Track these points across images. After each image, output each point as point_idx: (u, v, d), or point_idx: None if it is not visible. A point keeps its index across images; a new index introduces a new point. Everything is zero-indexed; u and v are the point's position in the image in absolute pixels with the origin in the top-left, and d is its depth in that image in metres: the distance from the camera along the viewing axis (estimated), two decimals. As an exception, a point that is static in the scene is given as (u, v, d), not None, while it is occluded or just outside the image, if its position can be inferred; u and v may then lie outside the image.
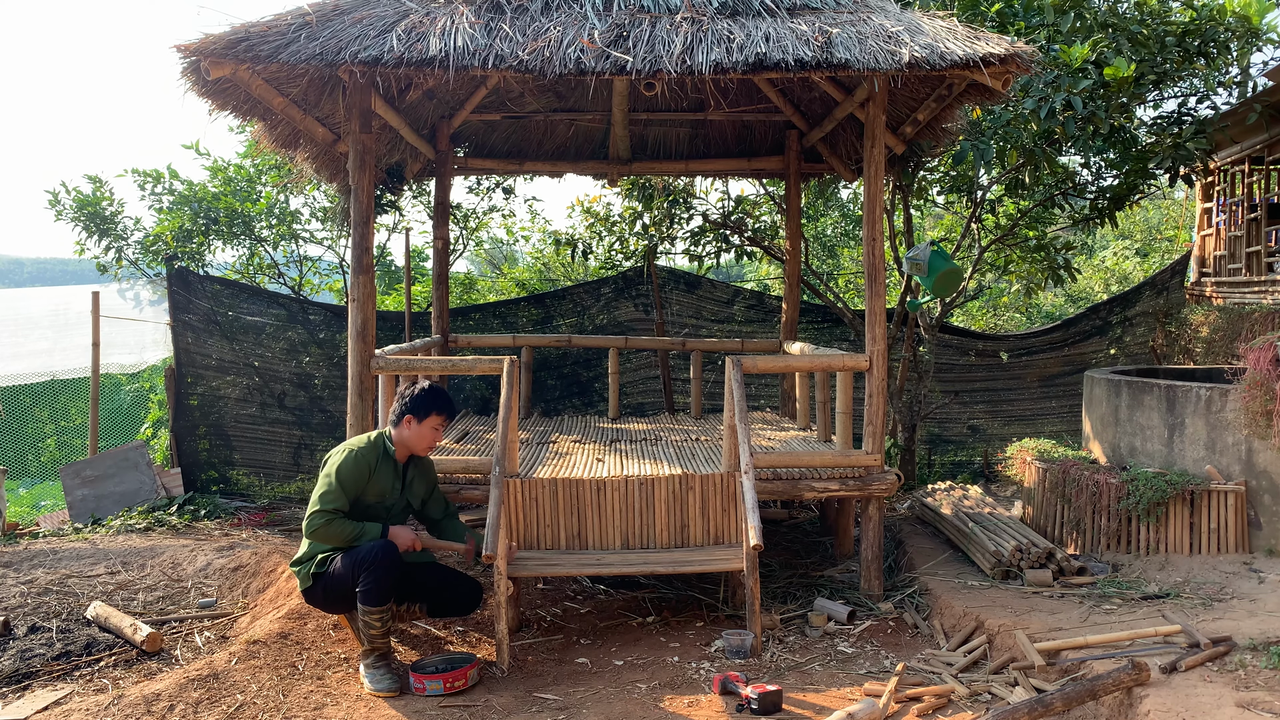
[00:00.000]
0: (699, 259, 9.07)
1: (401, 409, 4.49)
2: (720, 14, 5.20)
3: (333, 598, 4.39)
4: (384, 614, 4.26)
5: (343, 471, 4.33)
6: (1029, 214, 8.15)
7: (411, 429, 4.48)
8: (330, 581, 4.34)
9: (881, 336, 5.48)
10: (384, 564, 4.21)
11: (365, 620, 4.24)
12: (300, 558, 4.47)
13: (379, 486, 4.44)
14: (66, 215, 9.42)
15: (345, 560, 4.28)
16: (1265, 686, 3.66)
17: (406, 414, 4.47)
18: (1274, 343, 5.38)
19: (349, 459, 4.36)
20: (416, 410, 4.48)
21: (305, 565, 4.44)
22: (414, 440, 4.51)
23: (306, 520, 4.29)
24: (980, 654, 4.50)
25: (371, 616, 4.23)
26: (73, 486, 7.75)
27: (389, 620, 4.30)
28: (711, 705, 4.02)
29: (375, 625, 4.24)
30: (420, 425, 4.48)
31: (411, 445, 4.53)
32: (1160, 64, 6.80)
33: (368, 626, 4.24)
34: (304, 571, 4.44)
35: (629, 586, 5.72)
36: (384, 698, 4.08)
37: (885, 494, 5.45)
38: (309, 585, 4.43)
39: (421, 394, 4.50)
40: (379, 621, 4.24)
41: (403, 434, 4.50)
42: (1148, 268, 13.77)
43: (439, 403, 4.51)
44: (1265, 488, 5.38)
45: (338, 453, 4.42)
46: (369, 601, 4.21)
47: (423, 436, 4.51)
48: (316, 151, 6.60)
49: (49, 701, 4.02)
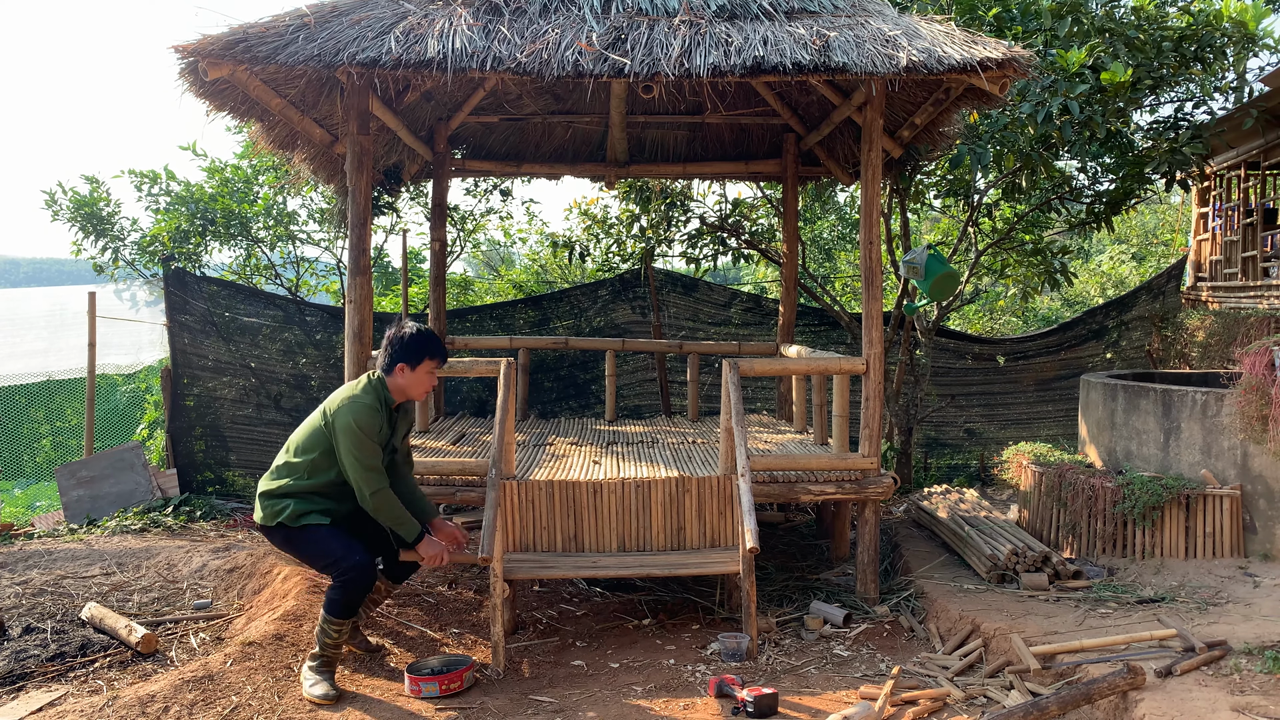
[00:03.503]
0: (696, 261, 9.08)
1: (391, 357, 4.24)
2: (718, 17, 5.21)
3: (290, 552, 4.24)
4: (346, 626, 4.16)
5: (367, 426, 4.09)
6: (1025, 218, 8.16)
7: (406, 377, 4.25)
8: (297, 543, 4.17)
9: (878, 340, 5.48)
10: (364, 585, 4.11)
11: (325, 628, 4.13)
12: (276, 492, 4.18)
13: (383, 436, 4.23)
14: (63, 215, 9.42)
15: (324, 551, 4.11)
16: (1260, 691, 3.67)
17: (399, 362, 4.23)
18: (1269, 347, 5.39)
19: (370, 414, 4.12)
20: (409, 357, 4.23)
21: (277, 505, 4.16)
22: (411, 388, 4.28)
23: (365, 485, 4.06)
24: (976, 657, 4.51)
25: (332, 626, 4.12)
26: (68, 487, 7.73)
27: (346, 633, 4.20)
28: (707, 708, 4.02)
29: (333, 635, 4.13)
30: (415, 372, 4.25)
31: (409, 393, 4.30)
32: (1157, 69, 6.82)
33: (325, 634, 4.13)
34: (272, 509, 4.17)
35: (625, 589, 5.72)
36: (318, 704, 3.99)
37: (881, 497, 5.45)
38: (269, 525, 4.18)
39: (411, 339, 4.25)
40: (337, 632, 4.14)
41: (398, 382, 4.26)
42: (1144, 272, 13.80)
43: (430, 346, 4.28)
44: (1260, 492, 5.39)
45: (348, 404, 4.12)
46: (335, 613, 4.10)
47: (419, 383, 4.27)
48: (314, 153, 6.60)
49: (43, 703, 4.01)
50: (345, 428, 4.07)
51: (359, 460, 4.07)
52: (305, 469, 4.18)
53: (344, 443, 4.08)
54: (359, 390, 4.19)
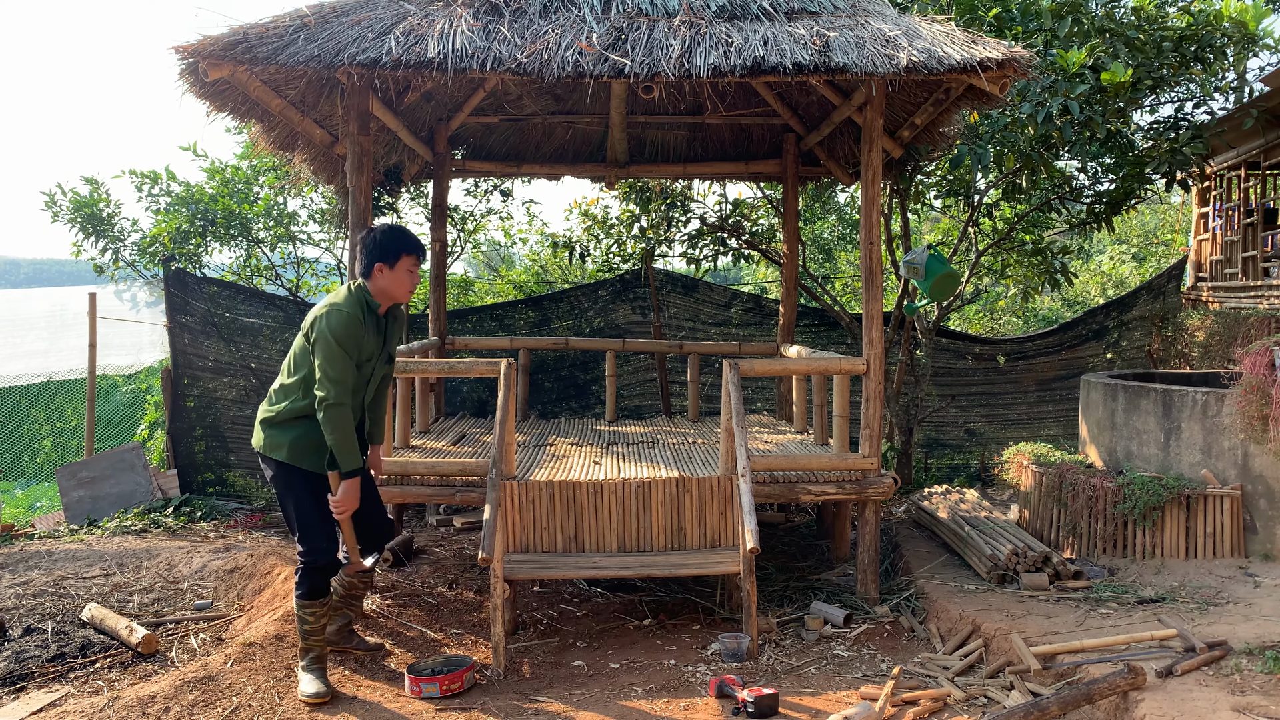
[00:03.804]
0: (696, 262, 9.08)
1: (367, 258, 4.05)
2: (718, 17, 5.21)
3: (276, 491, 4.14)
4: (318, 609, 4.10)
5: (342, 333, 3.90)
6: (1026, 218, 8.16)
7: (386, 277, 4.05)
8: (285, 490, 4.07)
9: (879, 340, 5.48)
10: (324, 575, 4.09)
11: (299, 615, 4.09)
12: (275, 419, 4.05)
13: (368, 347, 4.04)
14: (63, 216, 9.42)
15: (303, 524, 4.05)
16: (1261, 691, 3.67)
17: (376, 262, 4.03)
18: (1270, 347, 5.39)
19: (346, 320, 3.92)
20: (385, 256, 4.03)
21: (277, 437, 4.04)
22: (393, 288, 4.08)
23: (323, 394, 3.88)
24: (976, 658, 4.51)
25: (305, 610, 4.08)
26: (69, 488, 7.73)
27: (323, 616, 4.14)
28: (708, 708, 4.02)
29: (308, 620, 4.08)
30: (394, 271, 4.05)
31: (392, 294, 4.09)
32: (1157, 69, 6.82)
33: (301, 621, 4.08)
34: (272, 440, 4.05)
35: (626, 589, 5.72)
36: (312, 703, 3.97)
37: (882, 497, 5.45)
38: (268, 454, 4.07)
39: (384, 236, 4.05)
40: (312, 617, 4.08)
41: (378, 284, 4.06)
42: (1144, 272, 13.80)
43: (406, 240, 4.08)
44: (1261, 492, 5.39)
45: (327, 312, 3.94)
46: (301, 595, 4.07)
47: (400, 282, 4.07)
48: (314, 153, 6.60)
49: (44, 703, 4.01)
50: (320, 335, 3.91)
51: (325, 370, 3.89)
52: (299, 388, 4.03)
53: (317, 349, 3.92)
54: (340, 299, 4.00)
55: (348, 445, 3.95)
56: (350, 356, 3.92)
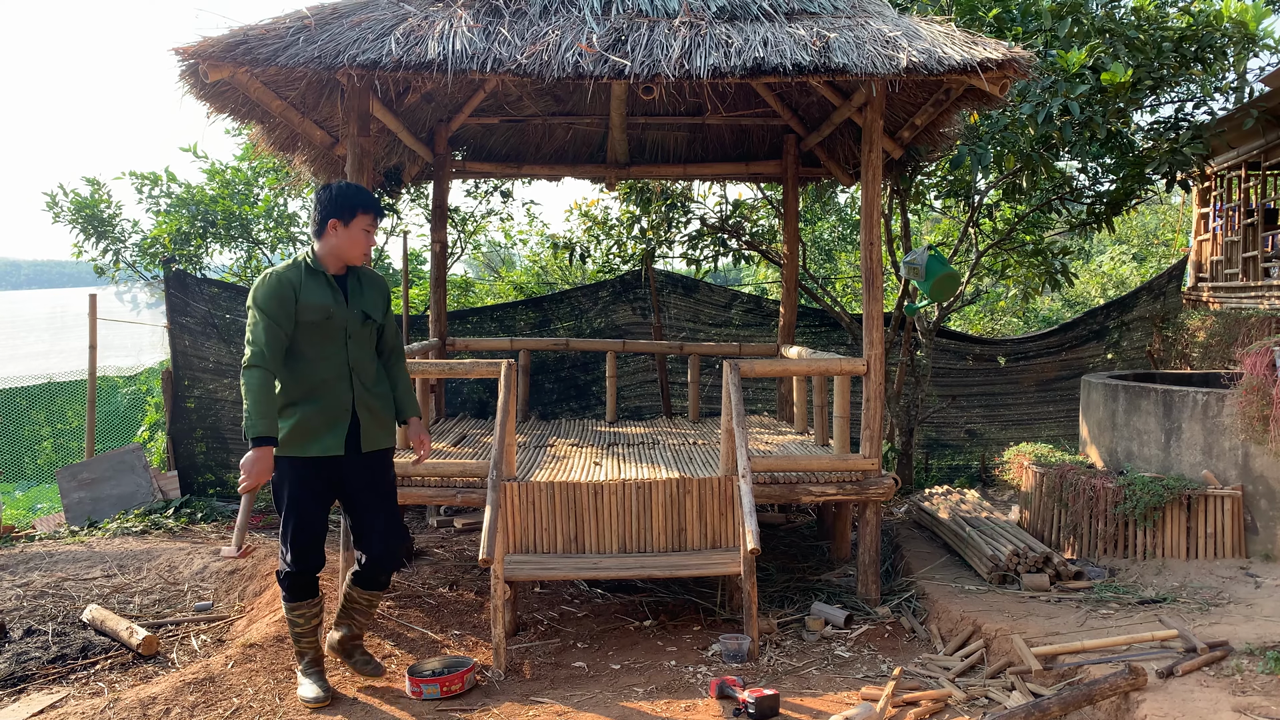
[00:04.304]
0: (697, 263, 9.09)
1: (321, 214, 3.88)
2: (718, 18, 5.21)
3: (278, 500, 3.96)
4: (305, 610, 4.01)
5: (263, 300, 3.74)
6: (1026, 219, 8.16)
7: (339, 235, 3.88)
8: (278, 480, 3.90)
9: (879, 340, 5.48)
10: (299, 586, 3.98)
11: (288, 616, 4.01)
12: None
13: (314, 301, 3.82)
14: (64, 217, 9.43)
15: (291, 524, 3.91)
16: (1262, 691, 3.66)
17: (330, 218, 3.87)
18: (1270, 348, 5.39)
19: (269, 282, 3.78)
20: (339, 212, 3.87)
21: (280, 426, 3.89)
22: (346, 247, 3.90)
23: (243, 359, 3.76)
24: (977, 658, 4.50)
25: (293, 613, 4.01)
26: (69, 489, 7.73)
27: (314, 618, 4.05)
28: (708, 709, 4.02)
29: (298, 623, 4.01)
30: (349, 229, 3.88)
31: (344, 254, 3.92)
32: (1157, 69, 6.82)
33: (291, 624, 4.01)
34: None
35: (626, 590, 5.72)
36: (312, 707, 3.95)
37: (882, 498, 5.45)
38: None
39: (339, 192, 3.90)
40: (301, 619, 4.00)
41: (330, 243, 3.89)
42: (1145, 273, 13.80)
43: (361, 197, 3.92)
44: (1262, 492, 5.39)
45: (256, 283, 3.83)
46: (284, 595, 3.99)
47: (355, 241, 3.91)
48: (314, 154, 6.60)
49: (44, 705, 4.01)
50: (248, 306, 3.81)
51: (249, 336, 3.76)
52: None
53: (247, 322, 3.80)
54: (270, 269, 3.89)
55: (261, 409, 3.70)
56: (276, 321, 3.74)
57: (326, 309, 3.84)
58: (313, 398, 3.86)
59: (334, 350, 3.90)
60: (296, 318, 3.80)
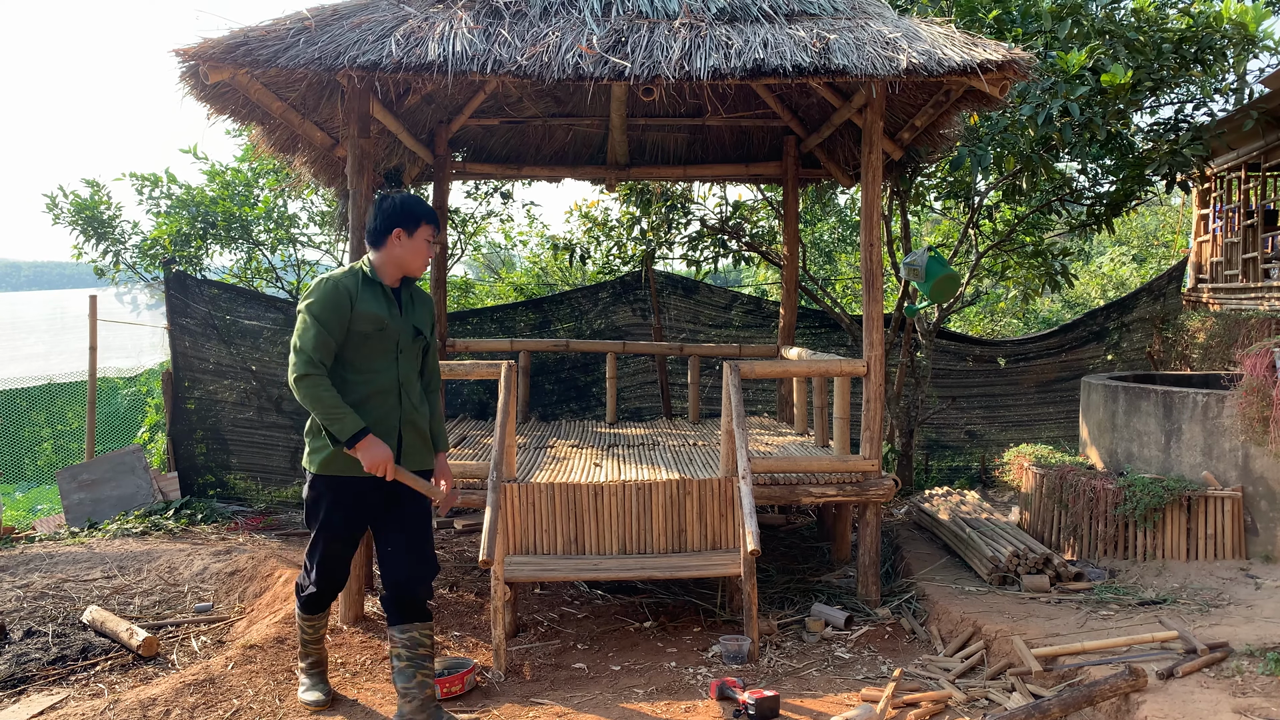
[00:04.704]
0: (697, 264, 9.09)
1: (385, 223, 3.74)
2: (718, 20, 5.21)
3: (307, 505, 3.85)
4: (316, 622, 4.06)
5: (317, 306, 3.60)
6: (1026, 220, 8.16)
7: (403, 244, 3.75)
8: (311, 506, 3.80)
9: (879, 342, 5.48)
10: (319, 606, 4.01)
11: (300, 624, 4.06)
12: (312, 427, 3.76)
13: (370, 311, 3.67)
14: (64, 219, 9.42)
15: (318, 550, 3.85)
16: (1262, 692, 3.66)
17: (395, 227, 3.74)
18: (1270, 349, 5.39)
19: (324, 288, 3.64)
20: (405, 222, 3.74)
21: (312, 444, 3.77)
22: (408, 258, 3.77)
23: (290, 369, 3.58)
24: (977, 659, 4.50)
25: (305, 623, 4.05)
26: (69, 490, 7.73)
27: (323, 628, 4.12)
28: (709, 711, 4.01)
29: (307, 631, 4.06)
30: (413, 239, 3.76)
31: (407, 264, 3.79)
32: (1157, 70, 6.82)
33: (301, 630, 4.07)
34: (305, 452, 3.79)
35: (626, 591, 5.72)
36: (313, 710, 3.97)
37: (883, 499, 5.45)
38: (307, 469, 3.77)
39: (404, 201, 3.78)
40: (311, 629, 4.05)
41: (392, 253, 3.75)
42: (1145, 274, 13.81)
43: (425, 209, 3.81)
44: (1262, 493, 5.39)
45: (311, 287, 3.70)
46: (300, 608, 4.02)
47: (418, 251, 3.78)
48: (314, 156, 6.60)
49: (44, 706, 4.01)
50: (298, 312, 3.64)
51: (294, 343, 3.58)
52: None
53: (296, 328, 3.63)
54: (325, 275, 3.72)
55: (335, 412, 3.54)
56: (326, 328, 3.59)
57: (381, 320, 3.69)
58: (361, 413, 3.66)
59: (385, 364, 3.74)
60: (350, 327, 3.65)
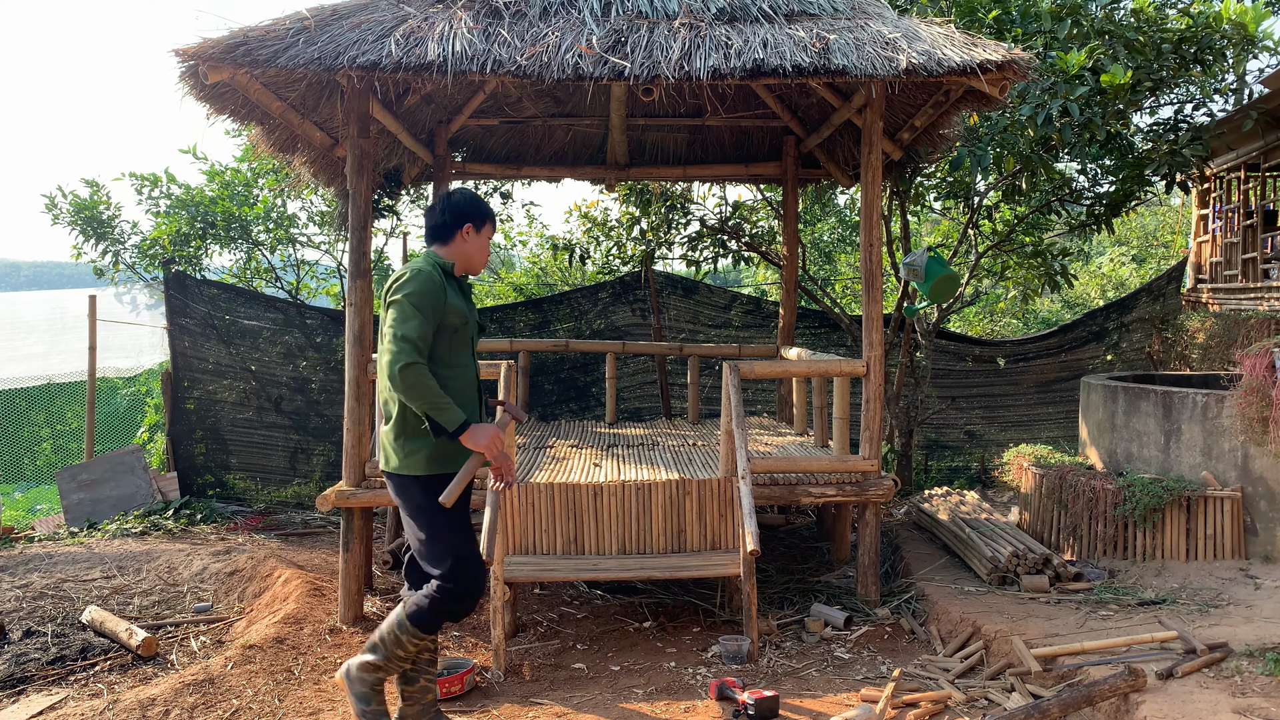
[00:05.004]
0: (696, 264, 9.09)
1: (455, 217, 3.64)
2: (718, 20, 5.21)
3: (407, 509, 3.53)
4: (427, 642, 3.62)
5: (417, 295, 3.41)
6: (1026, 220, 8.17)
7: (470, 240, 3.67)
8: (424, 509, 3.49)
9: (879, 342, 5.48)
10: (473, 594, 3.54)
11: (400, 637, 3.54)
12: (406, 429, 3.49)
13: (456, 305, 3.55)
14: (64, 219, 9.42)
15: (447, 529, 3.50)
16: (1261, 693, 3.66)
17: (466, 222, 3.64)
18: (1270, 349, 5.39)
19: (421, 278, 3.45)
20: (476, 217, 3.67)
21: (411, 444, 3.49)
22: (476, 255, 3.70)
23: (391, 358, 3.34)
24: (977, 660, 4.50)
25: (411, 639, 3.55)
26: (69, 490, 7.73)
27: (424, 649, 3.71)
28: (708, 711, 4.01)
29: (409, 648, 3.58)
30: (479, 236, 3.69)
31: (473, 260, 3.70)
32: (1157, 71, 6.82)
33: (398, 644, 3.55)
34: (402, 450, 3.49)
35: (626, 592, 5.71)
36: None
37: (882, 499, 5.45)
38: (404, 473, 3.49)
39: (475, 198, 3.71)
40: (414, 646, 3.58)
41: (460, 248, 3.66)
42: (1144, 274, 13.81)
43: (489, 208, 3.76)
44: (1261, 494, 5.39)
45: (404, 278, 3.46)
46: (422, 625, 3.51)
47: (483, 248, 3.72)
48: (314, 156, 6.60)
49: (44, 706, 4.00)
50: (395, 301, 3.43)
51: (393, 329, 3.37)
52: None
53: (390, 316, 3.41)
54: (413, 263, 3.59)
55: (441, 401, 3.35)
56: (427, 318, 3.41)
57: (464, 314, 3.60)
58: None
59: (466, 359, 3.64)
60: (440, 320, 3.50)
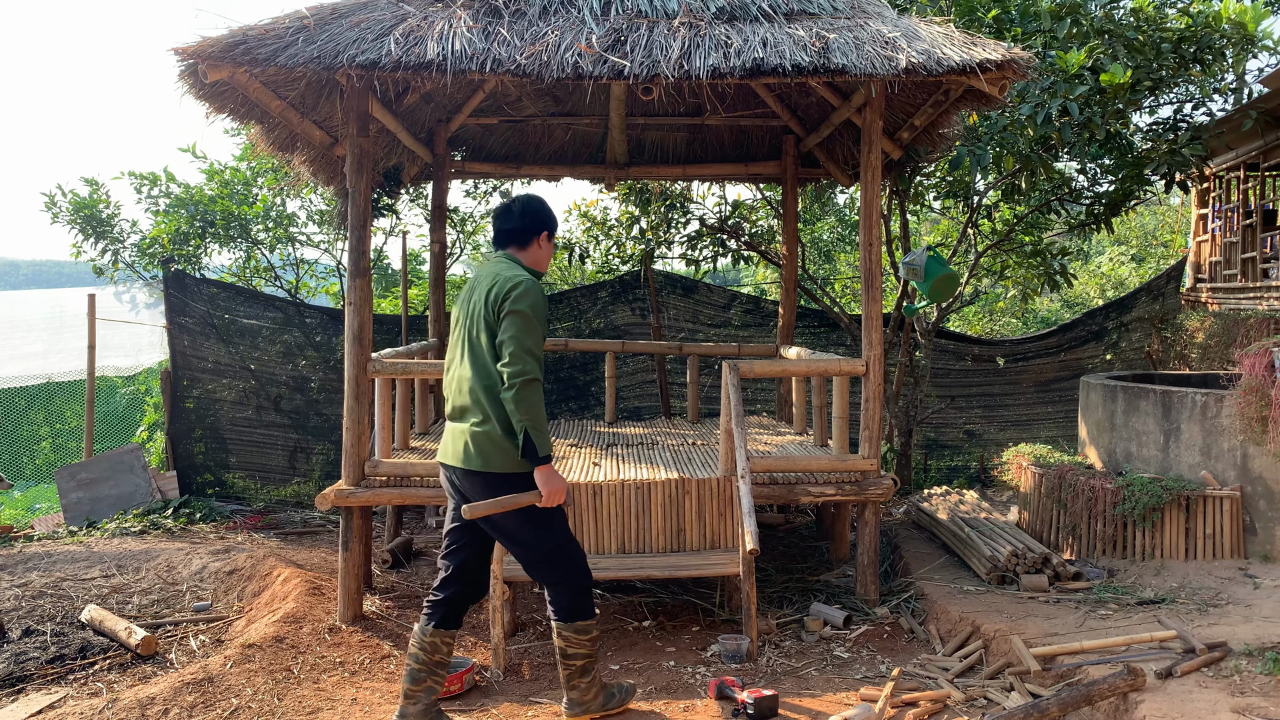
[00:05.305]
0: (696, 263, 9.08)
1: (535, 223, 3.65)
2: (717, 19, 5.21)
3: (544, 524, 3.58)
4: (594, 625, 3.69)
5: (540, 308, 3.46)
6: (1025, 219, 8.17)
7: (544, 248, 3.69)
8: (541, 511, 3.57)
9: (878, 341, 5.48)
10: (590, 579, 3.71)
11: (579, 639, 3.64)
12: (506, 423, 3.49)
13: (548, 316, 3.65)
14: (63, 218, 9.42)
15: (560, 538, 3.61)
16: (1260, 692, 3.67)
17: (544, 229, 3.69)
18: (1269, 348, 5.39)
19: (537, 290, 3.48)
20: (551, 225, 3.70)
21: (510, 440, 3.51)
22: (544, 260, 3.71)
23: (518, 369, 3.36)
24: (976, 659, 4.51)
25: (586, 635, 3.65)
26: (68, 489, 7.73)
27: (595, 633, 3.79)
28: (707, 710, 4.02)
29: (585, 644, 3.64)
30: (549, 243, 3.72)
31: (543, 266, 3.73)
32: (1156, 70, 6.82)
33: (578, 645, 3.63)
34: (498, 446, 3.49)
35: (625, 591, 5.72)
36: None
37: (881, 499, 5.45)
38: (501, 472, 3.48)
39: (547, 207, 3.73)
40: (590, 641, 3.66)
41: (535, 256, 3.67)
42: (1144, 273, 13.81)
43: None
44: (1260, 493, 5.39)
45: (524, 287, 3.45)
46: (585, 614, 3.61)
47: (549, 255, 3.78)
48: (313, 154, 6.60)
49: (43, 705, 4.00)
50: (520, 312, 3.41)
51: (521, 342, 3.38)
52: None
53: (513, 327, 3.41)
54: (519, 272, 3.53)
55: (545, 424, 3.44)
56: (544, 331, 3.49)
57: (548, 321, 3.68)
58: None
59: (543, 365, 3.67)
60: None
